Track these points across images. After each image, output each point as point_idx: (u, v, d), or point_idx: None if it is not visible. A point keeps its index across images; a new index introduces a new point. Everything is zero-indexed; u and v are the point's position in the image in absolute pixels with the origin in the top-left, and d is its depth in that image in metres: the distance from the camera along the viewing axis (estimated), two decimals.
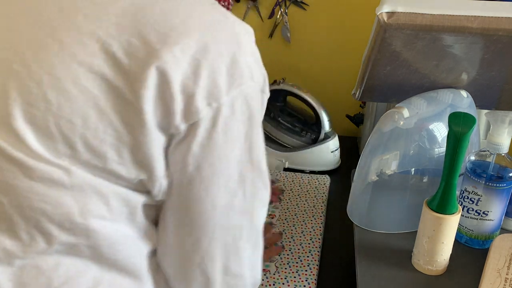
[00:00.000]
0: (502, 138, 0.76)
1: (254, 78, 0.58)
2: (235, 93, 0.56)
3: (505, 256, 0.77)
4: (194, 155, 0.56)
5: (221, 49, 0.56)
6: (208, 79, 0.54)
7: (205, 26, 0.56)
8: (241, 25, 0.61)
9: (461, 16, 0.69)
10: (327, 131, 1.22)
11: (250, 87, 0.57)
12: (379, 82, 0.85)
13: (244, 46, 0.58)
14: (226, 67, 0.55)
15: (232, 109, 0.56)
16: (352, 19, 1.34)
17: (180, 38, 0.54)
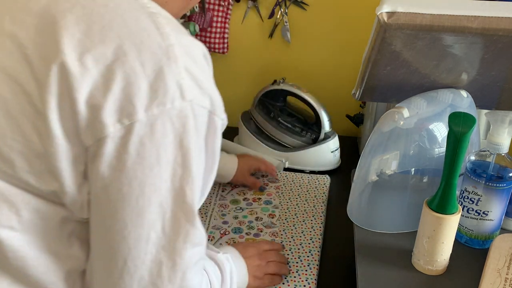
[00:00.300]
0: (502, 138, 0.76)
1: (187, 97, 0.51)
2: (156, 111, 0.50)
3: (505, 256, 0.77)
4: (102, 176, 0.51)
5: (144, 62, 0.50)
6: (121, 93, 0.49)
7: (128, 35, 0.51)
8: (181, 38, 0.54)
9: (461, 16, 0.69)
10: (327, 131, 1.22)
11: (179, 107, 0.51)
12: (379, 82, 0.85)
13: (177, 61, 0.52)
14: (148, 81, 0.50)
15: (151, 130, 0.50)
16: (352, 19, 1.34)
17: (94, 46, 0.50)
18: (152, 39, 0.51)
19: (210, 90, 0.54)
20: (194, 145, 0.53)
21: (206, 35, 1.38)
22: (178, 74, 0.51)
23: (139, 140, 0.50)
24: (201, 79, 0.53)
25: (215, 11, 1.35)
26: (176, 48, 0.52)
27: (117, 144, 0.50)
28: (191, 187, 0.54)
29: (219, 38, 1.38)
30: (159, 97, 0.50)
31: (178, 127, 0.51)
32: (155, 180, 0.52)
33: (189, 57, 0.53)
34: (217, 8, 1.35)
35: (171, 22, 0.55)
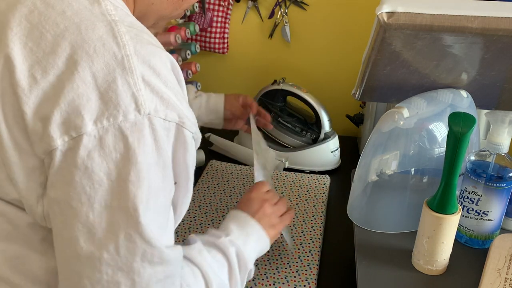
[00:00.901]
0: (502, 138, 0.76)
1: (143, 110, 0.49)
2: (106, 124, 0.48)
3: (505, 256, 0.77)
4: (54, 188, 0.50)
5: (96, 72, 0.49)
6: (69, 104, 0.48)
7: (81, 44, 0.49)
8: (141, 48, 0.51)
9: (461, 16, 0.69)
10: (327, 131, 1.22)
11: (133, 120, 0.49)
12: (379, 82, 0.85)
13: (133, 72, 0.49)
14: (99, 93, 0.48)
15: (100, 143, 0.48)
16: (352, 19, 1.34)
17: (45, 56, 0.49)
18: (107, 49, 0.50)
19: (174, 102, 0.52)
20: (152, 161, 0.51)
21: (206, 35, 1.38)
22: (134, 85, 0.49)
23: (87, 154, 0.48)
24: (163, 91, 0.51)
25: (215, 11, 1.35)
26: (133, 58, 0.50)
27: (66, 157, 0.48)
28: (146, 206, 0.50)
29: (219, 38, 1.38)
30: (109, 109, 0.48)
31: (131, 142, 0.49)
32: (105, 196, 0.49)
33: (149, 67, 0.51)
34: (217, 8, 1.35)
35: (134, 31, 0.52)
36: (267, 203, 0.80)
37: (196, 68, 1.24)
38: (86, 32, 0.50)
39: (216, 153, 1.32)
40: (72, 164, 0.49)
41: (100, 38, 0.50)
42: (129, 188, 0.49)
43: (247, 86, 1.47)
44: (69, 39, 0.50)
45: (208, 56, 1.45)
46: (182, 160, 0.55)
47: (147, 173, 0.50)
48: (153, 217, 0.52)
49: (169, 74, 0.53)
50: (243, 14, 1.37)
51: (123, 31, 0.51)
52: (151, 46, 0.53)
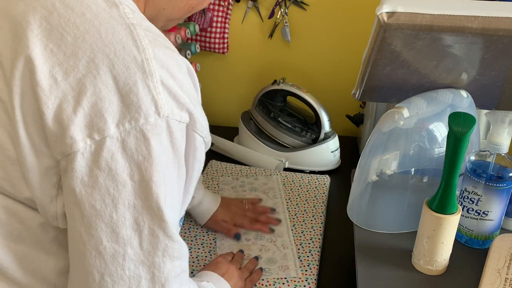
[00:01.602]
0: (502, 138, 0.76)
1: (163, 113, 0.50)
2: (128, 127, 0.49)
3: (505, 256, 0.77)
4: (74, 191, 0.50)
5: (117, 75, 0.49)
6: (92, 107, 0.49)
7: (102, 47, 0.50)
8: (159, 51, 0.52)
9: (461, 16, 0.69)
10: (327, 131, 1.22)
11: (154, 123, 0.50)
12: (379, 82, 0.85)
13: (153, 75, 0.50)
14: (120, 96, 0.49)
15: (122, 145, 0.49)
16: (352, 19, 1.34)
17: (66, 58, 0.49)
18: (127, 52, 0.50)
19: (189, 105, 0.53)
20: (170, 161, 0.52)
21: (206, 35, 1.38)
22: (154, 89, 0.50)
23: (111, 156, 0.49)
24: (180, 94, 0.52)
25: (215, 11, 1.35)
26: (152, 62, 0.51)
27: (88, 160, 0.49)
28: (166, 204, 0.53)
29: (219, 38, 1.38)
30: (131, 112, 0.49)
31: (153, 144, 0.50)
32: (128, 197, 0.51)
33: (167, 71, 0.52)
34: (217, 8, 1.35)
35: (152, 34, 0.53)
36: (233, 267, 0.84)
37: (196, 68, 1.24)
38: (106, 35, 0.50)
39: (216, 153, 1.32)
40: (95, 167, 0.49)
41: (120, 41, 0.50)
42: (152, 189, 0.51)
43: (247, 86, 1.47)
44: (89, 42, 0.50)
45: (208, 56, 1.45)
46: (189, 162, 0.57)
47: (166, 173, 0.52)
48: (171, 214, 0.54)
49: (184, 78, 0.54)
50: (243, 14, 1.37)
51: (142, 34, 0.52)
52: (168, 50, 0.53)
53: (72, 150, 0.49)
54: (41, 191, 0.52)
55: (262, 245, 0.95)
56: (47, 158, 0.51)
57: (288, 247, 0.94)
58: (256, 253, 0.93)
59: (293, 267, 0.89)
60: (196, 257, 0.91)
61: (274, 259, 0.91)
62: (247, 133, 1.28)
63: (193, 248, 0.93)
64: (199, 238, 0.96)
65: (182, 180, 0.57)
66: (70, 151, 0.49)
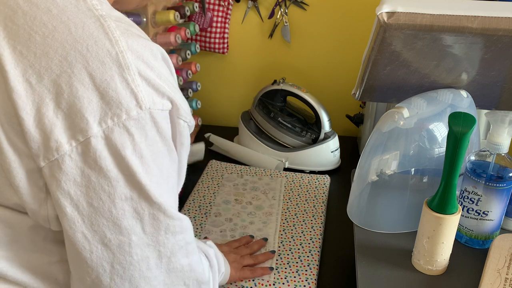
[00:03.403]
0: (502, 138, 0.76)
1: (144, 106, 0.50)
2: (110, 124, 0.49)
3: (505, 256, 0.76)
4: (69, 194, 0.50)
5: (92, 72, 0.48)
6: (71, 108, 0.48)
7: (73, 44, 0.48)
8: (132, 42, 0.51)
9: (461, 16, 0.69)
10: (327, 131, 1.22)
11: (136, 116, 0.49)
12: (379, 82, 0.85)
13: (129, 68, 0.49)
14: (99, 92, 0.48)
15: (108, 143, 0.49)
16: (352, 19, 1.34)
17: (37, 59, 0.48)
18: (100, 46, 0.49)
19: (169, 93, 0.53)
20: (160, 150, 0.53)
21: (206, 35, 1.38)
22: (132, 82, 0.49)
23: (99, 155, 0.49)
24: (158, 82, 0.52)
25: (215, 11, 1.35)
26: (127, 54, 0.49)
27: (76, 161, 0.49)
28: (163, 190, 0.54)
29: (219, 38, 1.38)
30: (112, 108, 0.48)
31: (137, 138, 0.50)
32: (124, 190, 0.51)
33: (143, 61, 0.51)
34: (217, 8, 1.35)
35: (123, 24, 0.52)
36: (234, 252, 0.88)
37: (196, 68, 1.24)
38: (76, 30, 0.49)
39: (216, 153, 1.32)
40: (86, 167, 0.49)
41: (92, 36, 0.49)
42: (144, 180, 0.51)
43: (247, 86, 1.47)
44: (59, 40, 0.48)
45: (208, 56, 1.45)
46: (178, 146, 0.58)
47: (157, 161, 0.53)
48: (169, 195, 0.55)
49: (160, 66, 0.53)
50: (243, 14, 1.37)
51: (113, 26, 0.50)
52: (142, 39, 0.52)
53: (59, 153, 0.48)
54: (29, 196, 0.51)
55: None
56: (31, 161, 0.50)
57: (270, 249, 0.94)
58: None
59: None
60: None
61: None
62: (247, 133, 1.28)
63: None
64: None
65: (175, 163, 0.58)
66: (57, 155, 0.48)
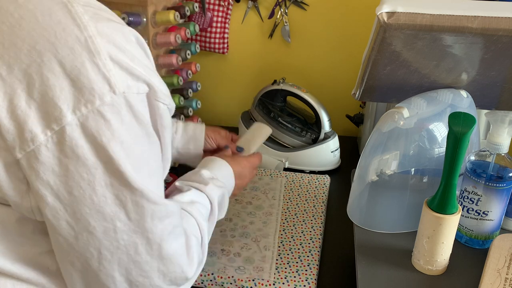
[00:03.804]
0: (502, 138, 0.76)
1: (118, 90, 0.49)
2: (84, 111, 0.48)
3: (505, 256, 0.77)
4: (48, 184, 0.50)
5: (62, 59, 0.47)
6: (43, 98, 0.47)
7: (41, 32, 0.47)
8: (102, 26, 0.50)
9: (461, 16, 0.69)
10: (327, 131, 1.22)
11: (110, 101, 0.49)
12: (379, 82, 0.85)
13: (100, 52, 0.48)
14: (71, 80, 0.47)
15: (84, 130, 0.49)
16: (352, 19, 1.34)
17: (5, 50, 0.47)
18: (69, 33, 0.48)
19: (144, 76, 0.52)
20: (137, 134, 0.53)
21: (206, 35, 1.38)
22: (104, 66, 0.48)
23: (75, 143, 0.49)
24: (131, 65, 0.51)
25: (215, 11, 1.35)
26: (97, 39, 0.49)
27: (53, 151, 0.49)
28: (144, 174, 0.54)
29: (219, 38, 1.38)
30: (85, 95, 0.48)
31: (113, 123, 0.50)
32: (104, 177, 0.51)
33: (114, 45, 0.50)
34: (217, 8, 1.35)
35: (92, 9, 0.51)
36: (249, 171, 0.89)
37: (196, 68, 1.24)
38: (43, 18, 0.48)
39: None
40: (63, 156, 0.49)
41: (59, 23, 0.48)
42: (124, 165, 0.51)
43: (247, 86, 1.47)
44: (27, 29, 0.48)
45: (208, 56, 1.45)
46: (160, 129, 0.58)
47: (135, 146, 0.52)
48: (151, 180, 0.55)
49: (134, 48, 0.52)
50: (243, 14, 1.37)
51: (81, 11, 0.49)
52: (112, 22, 0.51)
53: (34, 144, 0.48)
54: (10, 188, 0.51)
55: (245, 243, 0.95)
56: (8, 156, 0.49)
57: (270, 249, 0.94)
58: (236, 250, 0.93)
59: (268, 269, 0.89)
60: None
61: (251, 259, 0.91)
62: None
63: None
64: None
65: (156, 146, 0.58)
66: (33, 145, 0.48)
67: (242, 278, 0.86)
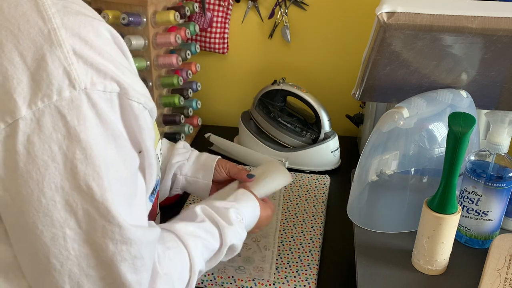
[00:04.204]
0: (502, 138, 0.76)
1: (78, 85, 0.47)
2: (41, 105, 0.46)
3: (505, 256, 0.77)
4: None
5: (23, 51, 0.46)
6: (1, 89, 0.46)
7: (5, 23, 0.47)
8: (69, 19, 0.48)
9: (461, 16, 0.69)
10: (327, 131, 1.22)
11: (69, 97, 0.47)
12: (379, 82, 0.85)
13: (62, 45, 0.47)
14: (30, 73, 0.46)
15: (38, 125, 0.46)
16: (352, 19, 1.34)
17: None
18: (32, 25, 0.47)
19: (114, 73, 0.49)
20: (98, 135, 0.49)
21: (206, 35, 1.38)
22: (65, 59, 0.47)
23: (27, 138, 0.46)
24: (99, 61, 0.48)
25: (215, 11, 1.35)
26: (61, 31, 0.47)
27: (5, 145, 0.47)
28: (99, 183, 0.49)
29: (219, 38, 1.38)
30: (42, 89, 0.46)
31: (70, 120, 0.47)
32: (54, 179, 0.48)
33: (80, 38, 0.48)
34: (217, 8, 1.35)
35: (61, 2, 0.50)
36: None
37: (196, 68, 1.24)
38: (9, 10, 0.48)
39: (216, 153, 1.32)
40: (13, 151, 0.47)
41: (24, 15, 0.47)
42: (77, 168, 0.48)
43: (247, 86, 1.47)
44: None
45: (208, 56, 1.45)
46: (135, 132, 0.54)
47: (95, 148, 0.49)
48: (112, 191, 0.50)
49: (105, 44, 0.50)
50: (243, 14, 1.37)
51: (48, 4, 0.48)
52: (82, 16, 0.50)
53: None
54: None
55: (245, 243, 0.94)
56: None
57: (270, 249, 0.94)
58: None
59: (268, 269, 0.89)
60: None
61: (251, 259, 0.91)
62: (247, 133, 1.28)
63: None
64: None
65: (127, 152, 0.53)
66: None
67: (242, 278, 0.86)
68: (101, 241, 0.51)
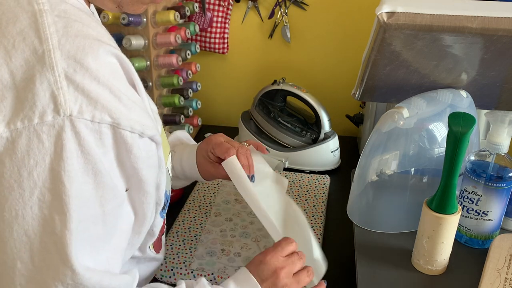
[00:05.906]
0: (502, 138, 0.76)
1: (63, 111, 0.44)
2: (19, 126, 0.44)
3: (505, 256, 0.77)
4: None
5: (14, 69, 0.45)
6: None
7: (1, 39, 0.46)
8: (67, 41, 0.46)
9: (461, 16, 0.69)
10: (327, 131, 1.22)
11: (51, 122, 0.44)
12: (379, 82, 0.85)
13: (54, 68, 0.45)
14: (16, 91, 0.44)
15: (12, 147, 0.44)
16: (352, 19, 1.34)
17: None
18: (28, 43, 0.46)
19: (107, 100, 0.47)
20: (76, 168, 0.46)
21: (206, 35, 1.38)
22: (54, 83, 0.45)
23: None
24: (92, 88, 0.46)
25: (215, 11, 1.35)
26: (55, 53, 0.45)
27: None
28: (63, 218, 0.46)
29: (219, 38, 1.38)
30: (25, 109, 0.44)
31: (47, 147, 0.44)
32: (16, 205, 0.45)
33: (76, 62, 0.46)
34: (217, 8, 1.35)
35: (63, 21, 0.48)
36: (283, 272, 0.68)
37: (196, 68, 1.24)
38: (6, 25, 0.46)
39: None
40: None
41: (21, 32, 0.46)
42: (45, 197, 0.45)
43: (247, 86, 1.47)
44: None
45: (208, 56, 1.45)
46: (128, 163, 0.51)
47: (69, 181, 0.45)
48: (72, 230, 0.47)
49: (103, 67, 0.48)
50: (243, 14, 1.37)
51: (48, 22, 0.47)
52: (81, 38, 0.47)
53: None
54: None
55: (245, 243, 0.95)
56: None
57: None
58: (236, 250, 0.93)
59: None
60: (177, 254, 0.91)
61: (251, 259, 0.91)
62: (247, 133, 1.28)
63: (174, 244, 0.93)
64: (181, 234, 0.96)
65: (107, 191, 0.50)
66: None
67: None
68: (51, 282, 0.47)
